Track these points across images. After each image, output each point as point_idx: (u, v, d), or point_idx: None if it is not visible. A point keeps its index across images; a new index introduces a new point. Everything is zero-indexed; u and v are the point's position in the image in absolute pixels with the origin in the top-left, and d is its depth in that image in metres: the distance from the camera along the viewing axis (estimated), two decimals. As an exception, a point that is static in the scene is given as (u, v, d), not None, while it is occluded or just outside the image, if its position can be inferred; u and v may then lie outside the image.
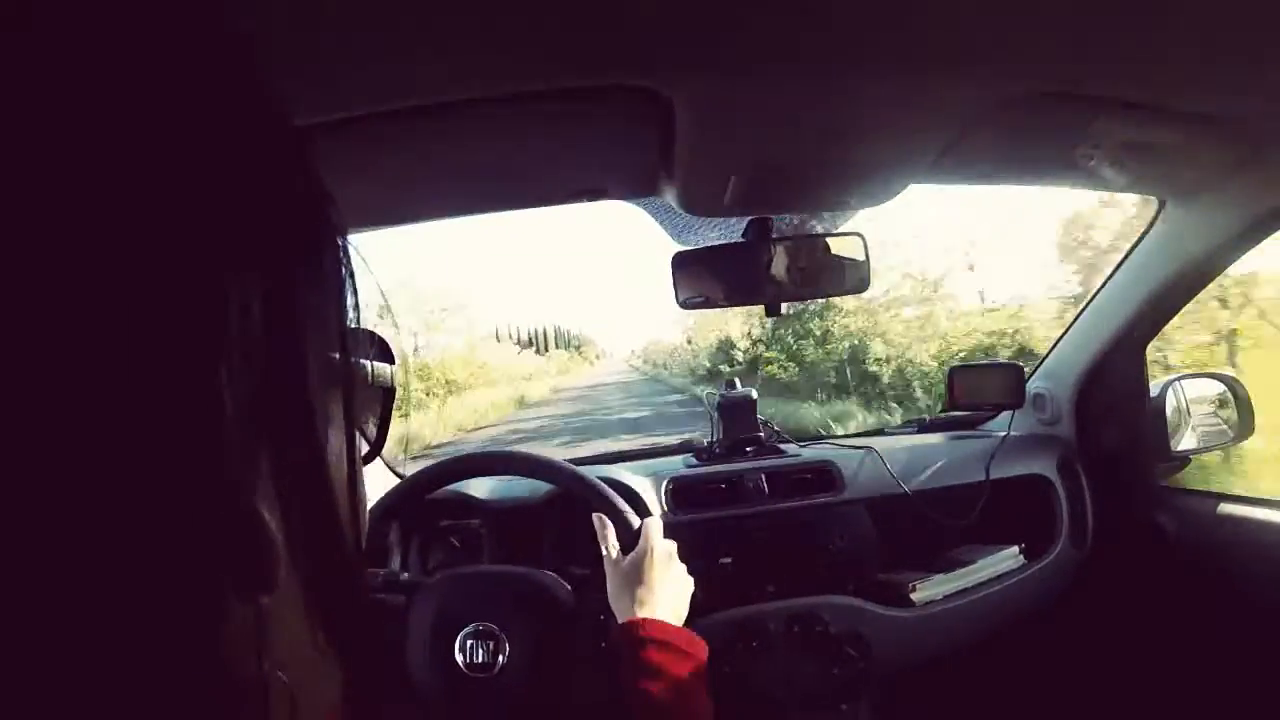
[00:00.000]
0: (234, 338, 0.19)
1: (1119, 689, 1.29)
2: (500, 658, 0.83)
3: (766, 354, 14.54)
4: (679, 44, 0.56)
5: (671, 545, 0.84)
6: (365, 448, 0.42)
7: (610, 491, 0.90)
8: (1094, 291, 1.25)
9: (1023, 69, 0.65)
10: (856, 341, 12.09)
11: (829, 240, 1.01)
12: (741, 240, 1.01)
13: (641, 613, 0.76)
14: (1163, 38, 0.61)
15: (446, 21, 0.51)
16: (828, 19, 0.55)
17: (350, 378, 0.25)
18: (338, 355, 0.25)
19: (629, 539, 0.85)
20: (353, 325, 0.26)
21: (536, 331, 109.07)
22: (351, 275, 0.26)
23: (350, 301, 0.25)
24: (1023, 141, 0.83)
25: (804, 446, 1.38)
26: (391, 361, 0.44)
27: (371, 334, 0.45)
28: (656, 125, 0.69)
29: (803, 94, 0.65)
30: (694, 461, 1.31)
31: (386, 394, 0.43)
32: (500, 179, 0.85)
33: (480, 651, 0.83)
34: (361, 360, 0.40)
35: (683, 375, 26.59)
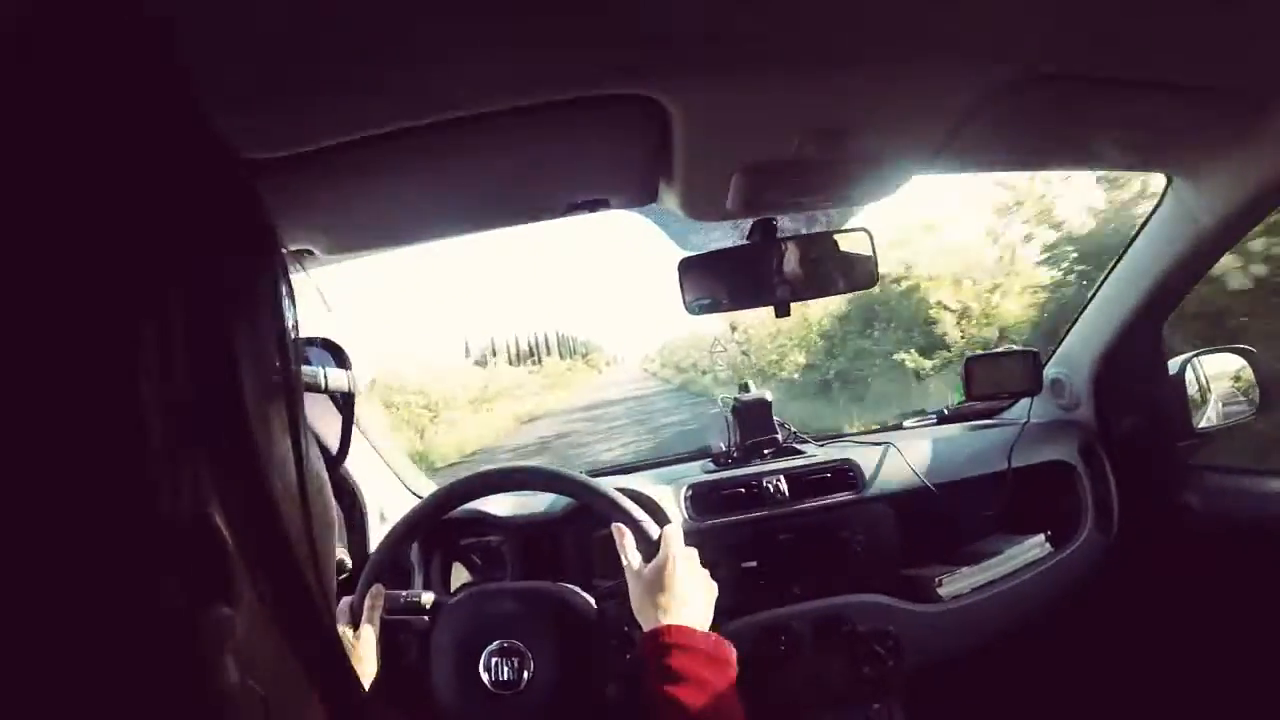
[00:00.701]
0: (151, 349, 0.20)
1: (1154, 674, 1.27)
2: (526, 674, 0.82)
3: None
4: (670, 50, 0.56)
5: (692, 551, 0.84)
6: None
7: (628, 502, 0.90)
8: (1106, 273, 1.23)
9: (1019, 51, 0.64)
10: None
11: (836, 237, 1.01)
12: (747, 242, 1.00)
13: (666, 620, 0.75)
14: (1157, 11, 0.60)
15: (440, 38, 0.51)
16: (819, 17, 0.55)
17: (291, 386, 0.26)
18: (278, 364, 0.25)
19: (649, 548, 0.85)
20: (293, 333, 0.26)
21: (536, 340, 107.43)
22: (289, 287, 0.26)
23: (289, 313, 0.26)
24: (1024, 126, 0.83)
25: (822, 445, 1.37)
26: (347, 367, 0.44)
27: (326, 341, 0.45)
28: (653, 133, 0.68)
29: (798, 93, 0.65)
30: (712, 467, 1.31)
31: (346, 400, 0.43)
32: (500, 195, 0.86)
33: (506, 669, 0.83)
34: (312, 367, 0.40)
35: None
